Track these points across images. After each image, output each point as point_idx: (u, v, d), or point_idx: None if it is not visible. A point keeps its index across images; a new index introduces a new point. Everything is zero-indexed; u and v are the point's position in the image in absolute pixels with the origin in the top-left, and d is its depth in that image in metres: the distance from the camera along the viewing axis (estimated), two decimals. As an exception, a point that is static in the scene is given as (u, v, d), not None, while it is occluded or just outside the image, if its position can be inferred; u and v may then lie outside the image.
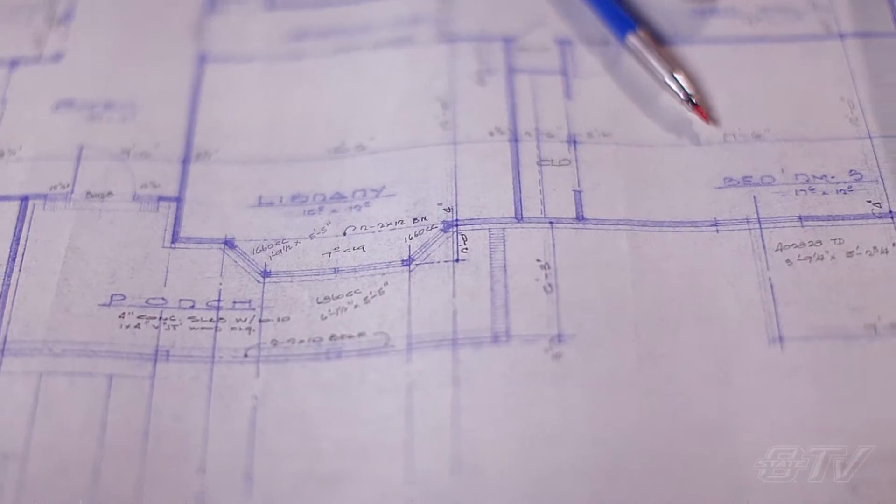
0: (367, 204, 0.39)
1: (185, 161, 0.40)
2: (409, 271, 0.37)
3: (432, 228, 0.38)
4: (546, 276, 0.37)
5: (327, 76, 0.42)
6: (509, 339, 0.36)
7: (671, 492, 0.33)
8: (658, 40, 0.42)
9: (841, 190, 0.39)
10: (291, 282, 0.37)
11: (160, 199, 0.39)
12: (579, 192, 0.39)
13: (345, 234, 0.38)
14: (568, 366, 0.35)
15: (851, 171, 0.39)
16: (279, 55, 0.43)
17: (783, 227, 0.38)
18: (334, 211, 0.39)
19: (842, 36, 0.43)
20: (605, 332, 0.36)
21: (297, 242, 0.38)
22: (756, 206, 0.39)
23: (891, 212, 0.38)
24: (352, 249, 0.38)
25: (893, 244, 0.37)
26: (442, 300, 0.36)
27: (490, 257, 0.37)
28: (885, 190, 0.39)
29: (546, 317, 0.36)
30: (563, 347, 0.35)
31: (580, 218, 0.38)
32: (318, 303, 0.37)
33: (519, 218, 0.38)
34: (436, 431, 0.34)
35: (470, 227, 0.38)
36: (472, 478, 0.34)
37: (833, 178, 0.39)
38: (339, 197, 0.39)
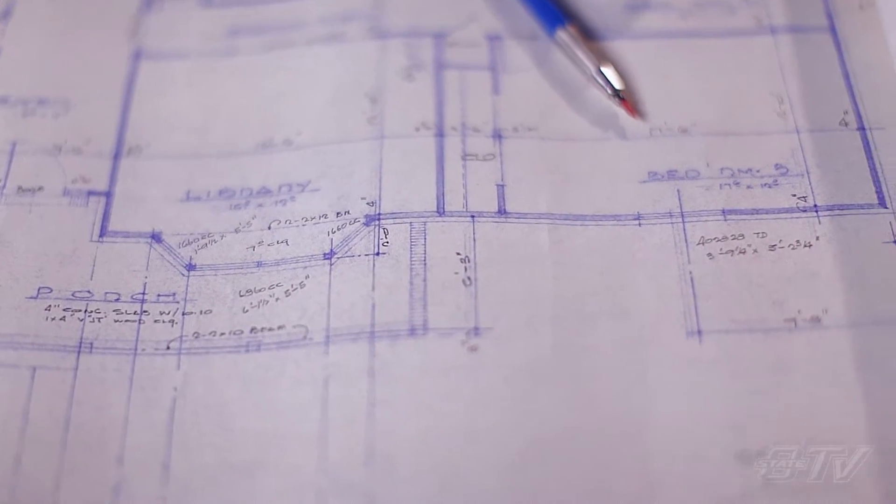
0: (292, 198, 0.39)
1: (116, 156, 0.41)
2: (331, 265, 0.37)
3: (355, 222, 0.38)
4: (465, 269, 0.37)
5: (259, 72, 0.43)
6: (426, 332, 0.36)
7: (584, 484, 0.34)
8: (589, 35, 0.42)
9: (766, 184, 0.39)
10: (215, 275, 0.38)
11: (90, 193, 0.40)
12: (502, 186, 0.39)
13: (269, 228, 0.39)
14: (483, 358, 0.35)
15: (777, 165, 0.39)
16: (213, 52, 0.44)
17: (706, 220, 0.38)
18: (260, 205, 0.39)
19: (773, 31, 0.43)
20: (521, 326, 0.36)
21: (222, 236, 0.39)
22: (679, 200, 0.39)
23: (815, 206, 0.38)
24: (275, 243, 0.38)
25: (817, 238, 0.38)
26: (361, 293, 0.37)
27: (410, 251, 0.37)
28: (810, 184, 0.39)
29: (464, 310, 0.36)
30: (480, 340, 0.36)
31: (502, 212, 0.38)
32: (241, 296, 0.37)
33: (441, 212, 0.38)
34: (350, 423, 0.35)
35: (392, 221, 0.38)
36: (385, 468, 0.34)
37: (759, 172, 0.39)
38: (266, 192, 0.40)
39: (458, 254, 0.37)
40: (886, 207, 0.38)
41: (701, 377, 0.35)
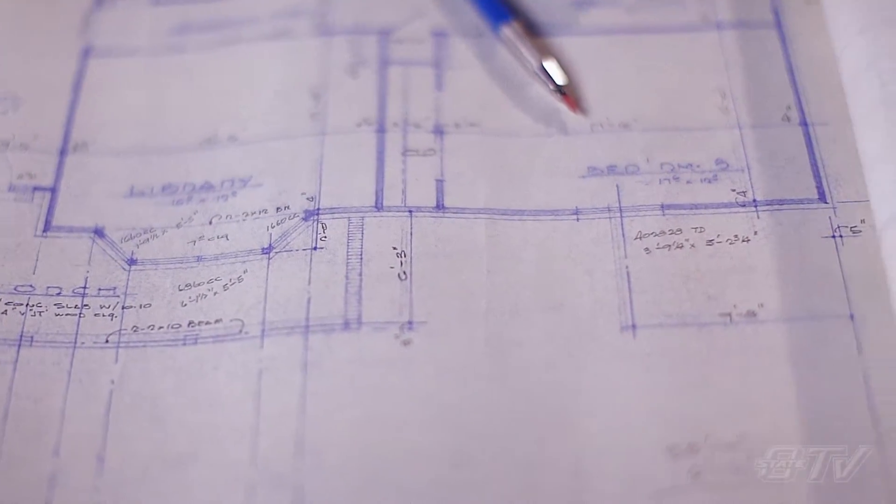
0: (234, 194, 0.40)
1: (63, 152, 0.41)
2: (269, 259, 0.38)
3: (294, 217, 0.39)
4: (401, 263, 0.37)
5: (206, 69, 0.43)
6: (360, 326, 0.36)
7: (515, 478, 0.34)
8: (535, 32, 0.43)
9: (706, 179, 0.39)
10: (156, 269, 0.38)
11: (35, 189, 0.40)
12: (441, 181, 0.39)
13: (210, 223, 0.39)
14: (416, 352, 0.36)
15: (718, 160, 0.39)
16: (162, 49, 0.44)
17: (644, 215, 0.38)
18: (202, 200, 0.40)
19: (719, 26, 0.43)
20: (455, 320, 0.36)
21: (164, 231, 0.39)
22: (618, 194, 0.39)
23: (755, 200, 0.38)
24: (216, 238, 0.39)
25: (755, 232, 0.38)
26: (297, 287, 0.37)
27: (347, 245, 0.38)
28: (750, 179, 0.39)
29: (398, 304, 0.37)
30: (413, 334, 0.36)
31: (440, 207, 0.39)
32: (180, 290, 0.38)
33: (379, 207, 0.38)
34: (282, 416, 0.35)
35: (330, 216, 0.38)
36: (315, 461, 0.34)
37: (699, 166, 0.39)
38: (208, 187, 0.40)
39: (395, 248, 0.38)
40: (826, 202, 0.38)
41: (634, 371, 0.35)
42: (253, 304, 0.37)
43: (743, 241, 0.38)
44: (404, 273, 0.37)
